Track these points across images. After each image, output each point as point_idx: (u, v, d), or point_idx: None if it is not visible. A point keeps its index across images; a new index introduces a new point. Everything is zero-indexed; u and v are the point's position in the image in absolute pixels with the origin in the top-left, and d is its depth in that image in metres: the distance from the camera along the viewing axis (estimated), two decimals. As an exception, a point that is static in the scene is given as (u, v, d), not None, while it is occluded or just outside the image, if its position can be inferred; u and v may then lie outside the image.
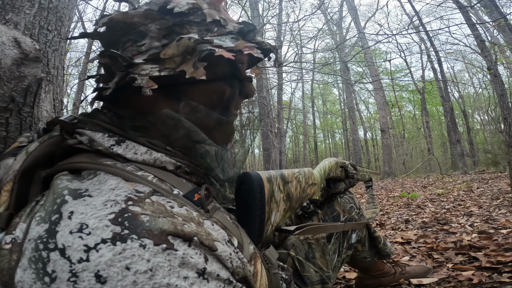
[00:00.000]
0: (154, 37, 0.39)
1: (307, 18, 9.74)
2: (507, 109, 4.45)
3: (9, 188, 0.34)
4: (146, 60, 0.37)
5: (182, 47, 0.37)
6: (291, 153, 18.69)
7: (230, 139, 0.48)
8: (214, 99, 0.43)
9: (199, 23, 0.41)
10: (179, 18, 0.40)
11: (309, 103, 17.12)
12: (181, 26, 0.40)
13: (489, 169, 6.74)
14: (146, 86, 0.35)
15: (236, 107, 0.48)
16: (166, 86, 0.40)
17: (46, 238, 0.25)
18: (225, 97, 0.44)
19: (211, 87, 0.43)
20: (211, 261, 0.29)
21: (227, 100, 0.45)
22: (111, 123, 0.39)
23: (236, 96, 0.46)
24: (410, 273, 1.12)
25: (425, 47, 10.75)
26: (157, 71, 0.36)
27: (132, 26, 0.40)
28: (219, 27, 0.41)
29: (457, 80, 13.20)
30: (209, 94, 0.43)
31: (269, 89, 7.72)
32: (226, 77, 0.44)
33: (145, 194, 0.31)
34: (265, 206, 0.51)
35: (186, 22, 0.40)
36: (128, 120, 0.39)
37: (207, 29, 0.41)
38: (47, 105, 0.87)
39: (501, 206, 2.40)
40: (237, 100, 0.47)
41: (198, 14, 0.41)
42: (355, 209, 0.87)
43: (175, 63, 0.37)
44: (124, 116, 0.40)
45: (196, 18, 0.41)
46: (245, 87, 0.48)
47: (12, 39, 0.58)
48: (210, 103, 0.43)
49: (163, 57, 0.37)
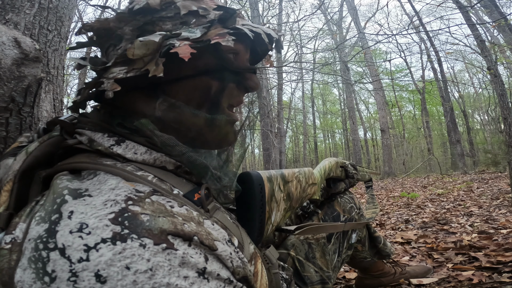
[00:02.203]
0: (129, 38, 0.38)
1: (307, 18, 9.75)
2: (507, 109, 4.45)
3: (9, 188, 0.34)
4: (115, 63, 0.36)
5: (152, 45, 0.35)
6: (291, 153, 18.69)
7: (226, 141, 0.44)
8: (197, 95, 0.40)
9: (172, 18, 0.39)
10: (150, 16, 0.39)
11: (309, 103, 17.12)
12: (153, 23, 0.39)
13: (489, 169, 6.73)
14: (109, 89, 0.34)
15: (235, 103, 0.44)
16: (147, 86, 0.40)
17: (46, 237, 0.25)
18: (211, 93, 0.41)
19: (193, 83, 0.40)
20: (211, 261, 0.29)
21: (215, 96, 0.41)
22: (104, 121, 0.39)
23: (231, 90, 0.43)
24: (410, 273, 1.12)
25: (425, 47, 10.76)
26: (124, 73, 0.36)
27: (110, 31, 0.39)
28: (197, 17, 0.39)
29: (457, 80, 13.20)
30: (191, 91, 0.40)
31: (269, 89, 7.72)
32: (211, 70, 0.41)
33: (145, 193, 0.31)
34: (265, 206, 0.51)
35: (157, 18, 0.39)
36: (117, 119, 0.39)
37: (182, 22, 0.39)
38: (47, 105, 0.87)
39: (501, 206, 2.40)
40: (232, 94, 0.43)
41: (171, 8, 0.39)
42: (355, 209, 0.87)
43: (143, 63, 0.36)
44: (115, 116, 0.40)
45: (168, 13, 0.39)
46: (246, 79, 0.44)
47: (12, 39, 0.58)
48: (194, 101, 0.40)
49: (132, 58, 0.36)
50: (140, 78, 0.37)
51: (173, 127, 0.40)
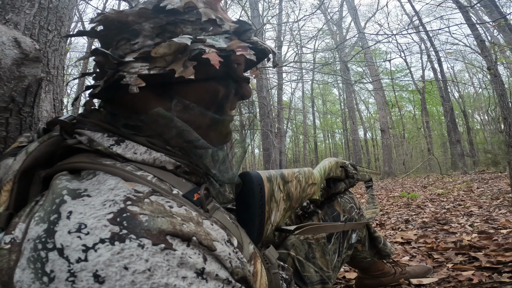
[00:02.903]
0: (148, 35, 0.39)
1: (307, 18, 9.74)
2: (507, 109, 4.46)
3: (9, 188, 0.34)
4: (136, 58, 0.37)
5: (174, 46, 0.37)
6: (291, 153, 18.69)
7: (226, 140, 0.48)
8: (207, 98, 0.43)
9: (193, 22, 0.40)
10: (173, 16, 0.39)
11: (309, 103, 17.12)
12: (175, 24, 0.39)
13: (489, 169, 6.73)
14: (134, 84, 0.35)
15: (232, 108, 0.48)
16: (158, 85, 0.40)
17: (44, 238, 0.25)
18: (218, 97, 0.44)
19: (204, 87, 0.42)
20: (210, 261, 0.29)
21: (221, 100, 0.44)
22: (106, 122, 0.39)
23: (231, 97, 0.46)
24: (410, 273, 1.12)
25: (425, 47, 10.76)
26: (147, 69, 0.36)
27: (126, 24, 0.39)
28: (214, 26, 0.41)
29: (457, 80, 13.20)
30: (202, 94, 0.42)
31: (269, 89, 7.72)
32: (219, 77, 0.43)
33: (144, 194, 0.31)
34: (265, 206, 0.51)
35: (180, 21, 0.40)
36: (121, 118, 0.39)
37: (201, 28, 0.40)
38: (47, 105, 0.87)
39: (501, 206, 2.40)
40: (232, 100, 0.46)
41: (193, 13, 0.40)
42: (355, 209, 0.87)
43: (165, 62, 0.37)
44: (118, 115, 0.40)
45: (190, 17, 0.40)
46: (242, 88, 0.47)
47: (12, 39, 0.58)
48: (203, 103, 0.43)
49: (154, 56, 0.37)
50: (154, 77, 0.37)
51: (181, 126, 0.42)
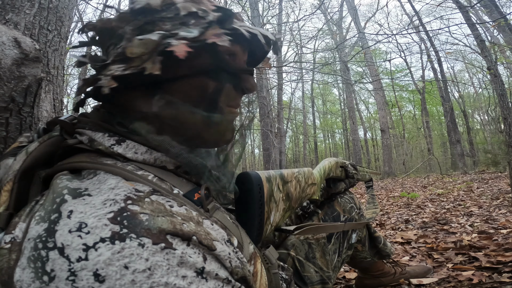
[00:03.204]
0: (128, 38, 0.38)
1: (307, 18, 9.76)
2: (507, 109, 4.46)
3: (9, 188, 0.34)
4: (113, 61, 0.37)
5: (150, 44, 0.36)
6: (291, 153, 18.69)
7: (224, 139, 0.45)
8: (194, 94, 0.41)
9: (172, 18, 0.39)
10: (151, 16, 0.39)
11: (309, 103, 17.13)
12: (153, 23, 0.39)
13: (489, 169, 6.73)
14: (106, 85, 0.35)
15: (233, 104, 0.45)
16: (148, 85, 0.40)
17: (45, 237, 0.25)
18: (207, 93, 0.41)
19: (190, 82, 0.41)
20: (210, 261, 0.29)
21: (211, 95, 0.41)
22: (104, 121, 0.39)
23: (228, 91, 0.43)
24: (410, 273, 1.12)
25: (425, 47, 10.76)
26: (122, 70, 0.36)
27: (112, 30, 0.40)
28: (196, 19, 0.39)
29: (457, 80, 13.20)
30: (189, 90, 0.41)
31: (269, 89, 7.72)
32: (208, 70, 0.41)
33: (145, 193, 0.31)
34: (264, 206, 0.51)
35: (158, 19, 0.39)
36: (117, 118, 0.40)
37: (181, 23, 0.39)
38: (47, 105, 0.87)
39: (501, 206, 2.40)
40: (230, 95, 0.43)
41: (172, 9, 0.39)
42: (355, 209, 0.87)
43: (141, 61, 0.36)
44: (115, 114, 0.40)
45: (169, 13, 0.39)
46: (242, 81, 0.44)
47: (12, 39, 0.58)
48: (191, 99, 0.41)
49: (130, 56, 0.36)
50: (139, 77, 0.37)
51: (171, 125, 0.40)
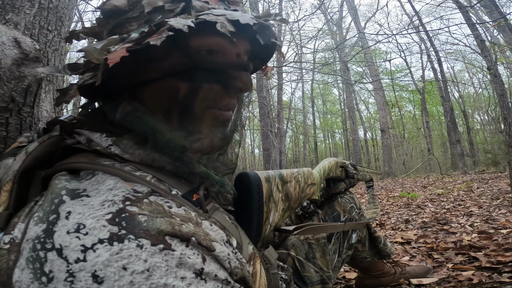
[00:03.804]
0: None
1: (307, 18, 9.75)
2: (507, 109, 4.46)
3: (9, 188, 0.34)
4: (84, 71, 0.37)
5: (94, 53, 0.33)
6: (291, 153, 18.68)
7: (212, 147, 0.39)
8: (163, 99, 0.38)
9: (137, 17, 0.37)
10: (118, 18, 0.38)
11: (309, 103, 17.12)
12: (121, 26, 0.37)
13: (489, 169, 6.73)
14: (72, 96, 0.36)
15: (222, 106, 0.40)
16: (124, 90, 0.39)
17: (43, 238, 0.25)
18: (179, 96, 0.37)
19: (159, 86, 0.37)
20: (209, 262, 0.29)
21: (185, 99, 0.37)
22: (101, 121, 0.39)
23: (210, 92, 0.38)
24: (410, 273, 1.12)
25: (425, 47, 10.76)
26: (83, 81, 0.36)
27: (98, 35, 0.40)
28: (164, 13, 0.36)
29: (457, 80, 13.20)
30: (158, 95, 0.38)
31: (269, 89, 7.72)
32: (179, 71, 0.37)
33: (143, 194, 0.31)
34: (263, 206, 0.51)
35: (125, 20, 0.37)
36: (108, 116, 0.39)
37: (147, 20, 0.36)
38: (47, 105, 0.87)
39: (501, 206, 2.40)
40: (216, 96, 0.39)
41: (137, 7, 0.37)
42: (355, 209, 0.87)
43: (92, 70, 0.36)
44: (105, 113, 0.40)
45: (134, 13, 0.37)
46: (232, 78, 0.39)
47: (12, 39, 0.58)
48: (162, 105, 0.38)
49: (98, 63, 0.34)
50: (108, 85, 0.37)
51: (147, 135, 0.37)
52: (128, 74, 0.39)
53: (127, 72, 0.39)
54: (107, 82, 0.38)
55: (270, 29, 0.39)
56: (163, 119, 0.38)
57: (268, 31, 0.39)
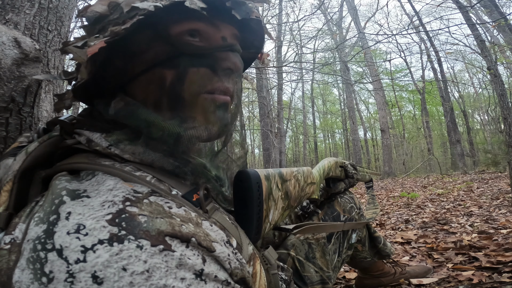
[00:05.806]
0: None
1: (307, 18, 9.76)
2: (507, 109, 4.46)
3: (9, 188, 0.34)
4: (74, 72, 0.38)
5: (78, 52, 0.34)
6: (291, 153, 18.69)
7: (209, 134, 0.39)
8: (152, 90, 0.38)
9: (118, 19, 0.37)
10: (101, 23, 0.38)
11: (309, 103, 17.12)
12: (103, 29, 0.37)
13: (489, 169, 6.73)
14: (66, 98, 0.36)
15: (214, 89, 0.39)
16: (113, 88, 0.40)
17: (44, 238, 0.25)
18: (166, 85, 0.37)
19: (146, 78, 0.38)
20: (209, 262, 0.29)
21: (172, 87, 0.37)
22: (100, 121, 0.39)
23: (197, 76, 0.38)
24: (410, 273, 1.12)
25: (425, 47, 10.76)
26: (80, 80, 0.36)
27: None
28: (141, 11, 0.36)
29: (457, 80, 13.20)
30: (146, 87, 0.38)
31: (269, 89, 7.73)
32: (162, 60, 0.37)
33: (143, 194, 0.31)
34: (262, 204, 0.51)
35: (107, 23, 0.38)
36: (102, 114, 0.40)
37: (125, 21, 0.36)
38: (47, 105, 0.87)
39: (501, 206, 2.40)
40: (205, 80, 0.38)
41: (117, 9, 0.37)
42: (355, 209, 0.87)
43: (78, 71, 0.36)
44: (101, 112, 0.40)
45: (115, 15, 0.37)
46: (219, 60, 0.39)
47: (12, 39, 0.58)
48: (151, 97, 0.38)
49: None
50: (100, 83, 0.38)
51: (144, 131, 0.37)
52: (117, 73, 0.40)
53: (116, 71, 0.40)
54: (98, 83, 0.40)
55: (245, 5, 0.38)
56: (155, 110, 0.38)
57: (243, 7, 0.38)
